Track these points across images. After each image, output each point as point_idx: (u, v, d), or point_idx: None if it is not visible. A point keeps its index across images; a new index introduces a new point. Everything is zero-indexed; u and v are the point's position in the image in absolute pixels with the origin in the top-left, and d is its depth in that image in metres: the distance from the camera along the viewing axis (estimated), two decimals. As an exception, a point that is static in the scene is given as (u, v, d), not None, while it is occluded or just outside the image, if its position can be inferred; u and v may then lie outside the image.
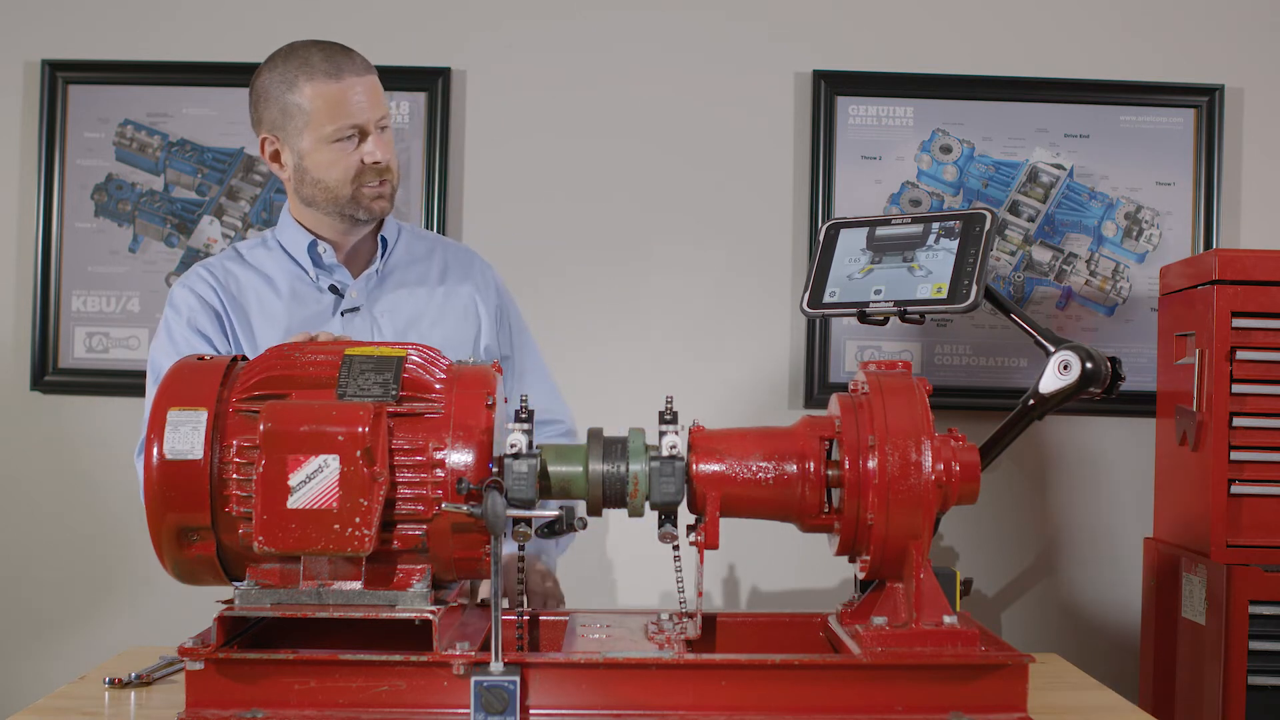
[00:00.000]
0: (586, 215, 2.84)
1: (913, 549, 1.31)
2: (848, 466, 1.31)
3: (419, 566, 1.33)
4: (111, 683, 1.49)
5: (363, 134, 1.78)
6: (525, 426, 1.31)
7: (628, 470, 1.32)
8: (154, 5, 2.87)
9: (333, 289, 1.87)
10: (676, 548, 1.40)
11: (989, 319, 2.85)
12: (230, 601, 1.31)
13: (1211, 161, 2.84)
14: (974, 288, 1.48)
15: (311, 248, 1.87)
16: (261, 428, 1.25)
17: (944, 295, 1.49)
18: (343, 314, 1.86)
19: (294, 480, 1.25)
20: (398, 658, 1.27)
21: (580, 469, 1.33)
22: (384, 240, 1.92)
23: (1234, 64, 2.88)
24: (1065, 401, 1.57)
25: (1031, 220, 2.87)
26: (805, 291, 1.61)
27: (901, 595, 1.34)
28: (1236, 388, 2.33)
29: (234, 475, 1.29)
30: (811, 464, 1.34)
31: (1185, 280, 2.49)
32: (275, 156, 1.84)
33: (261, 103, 1.81)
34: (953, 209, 2.85)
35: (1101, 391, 1.56)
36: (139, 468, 1.46)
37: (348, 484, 1.25)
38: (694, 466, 1.34)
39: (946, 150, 2.86)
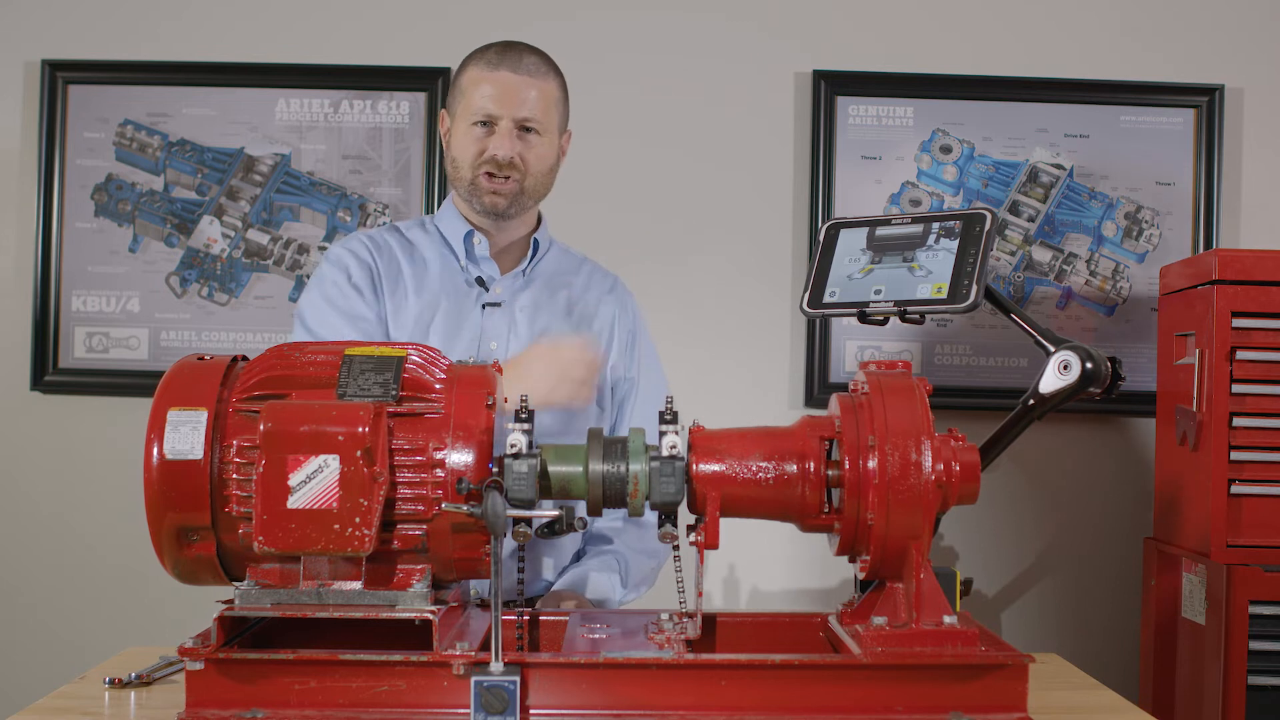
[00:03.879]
0: (585, 216, 2.84)
1: (913, 549, 1.30)
2: (848, 466, 1.31)
3: (419, 566, 1.33)
4: (111, 683, 1.49)
5: (494, 125, 1.84)
6: (525, 426, 1.31)
7: (628, 470, 1.32)
8: (154, 5, 2.87)
9: (479, 281, 1.91)
10: (676, 548, 1.40)
11: (989, 319, 2.85)
12: (230, 601, 1.31)
13: (1211, 161, 2.84)
14: (974, 288, 1.47)
15: (468, 238, 1.92)
16: (261, 428, 1.25)
17: (944, 295, 1.49)
18: (484, 306, 1.89)
19: (294, 480, 1.25)
20: (398, 658, 1.27)
21: (580, 469, 1.33)
22: (536, 243, 1.96)
23: (1234, 64, 2.88)
24: (1065, 401, 1.57)
25: (1031, 220, 2.87)
26: (805, 291, 1.61)
27: (901, 595, 1.34)
28: (1236, 388, 2.33)
29: (234, 475, 1.29)
30: (811, 464, 1.34)
31: (1185, 280, 2.49)
32: (446, 132, 1.95)
33: (452, 82, 1.95)
34: (953, 209, 2.86)
35: (1101, 391, 1.56)
36: None
37: (348, 484, 1.25)
38: (694, 466, 1.34)
39: (946, 150, 2.87)
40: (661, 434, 1.33)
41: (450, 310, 1.87)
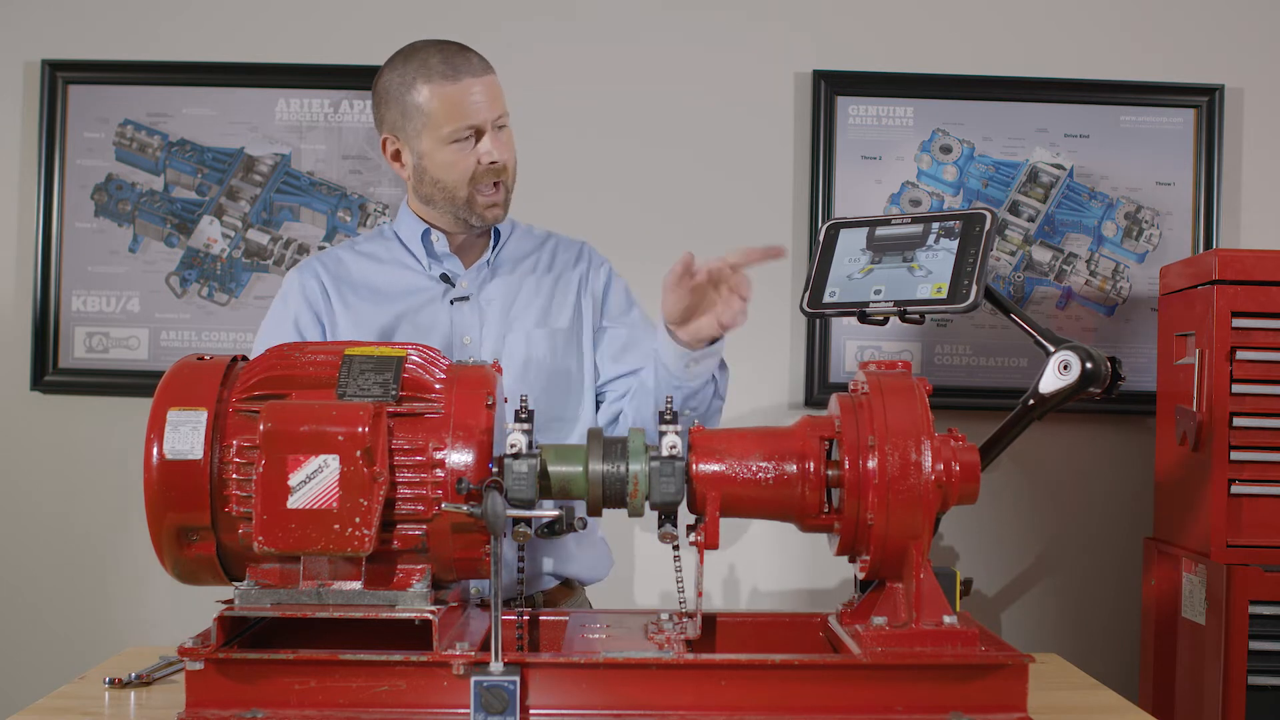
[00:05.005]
0: (585, 215, 2.83)
1: (913, 549, 1.30)
2: (848, 466, 1.31)
3: (419, 566, 1.33)
4: (111, 683, 1.49)
5: (479, 134, 1.81)
6: (525, 426, 1.31)
7: (628, 470, 1.32)
8: (154, 6, 2.87)
9: (444, 278, 1.90)
10: (676, 548, 1.40)
11: (989, 319, 2.85)
12: (230, 601, 1.31)
13: (1211, 161, 2.84)
14: (974, 288, 1.47)
15: (425, 236, 1.90)
16: (261, 428, 1.25)
17: (944, 295, 1.49)
18: (452, 302, 1.88)
19: (294, 480, 1.25)
20: (398, 658, 1.27)
21: (580, 469, 1.33)
22: (496, 232, 1.94)
23: (1234, 64, 2.88)
24: (1065, 401, 1.57)
25: (1031, 220, 2.87)
26: (805, 291, 1.61)
27: (901, 595, 1.34)
28: (1236, 388, 2.32)
29: (234, 475, 1.29)
30: (811, 464, 1.34)
31: (1185, 280, 2.49)
32: (396, 156, 1.88)
33: (382, 104, 1.85)
34: (953, 209, 2.86)
35: (1101, 391, 1.56)
36: None
37: (348, 484, 1.25)
38: (694, 466, 1.34)
39: (946, 150, 2.86)
40: (661, 434, 1.33)
41: (416, 312, 1.86)
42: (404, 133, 1.83)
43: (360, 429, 1.25)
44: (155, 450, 1.29)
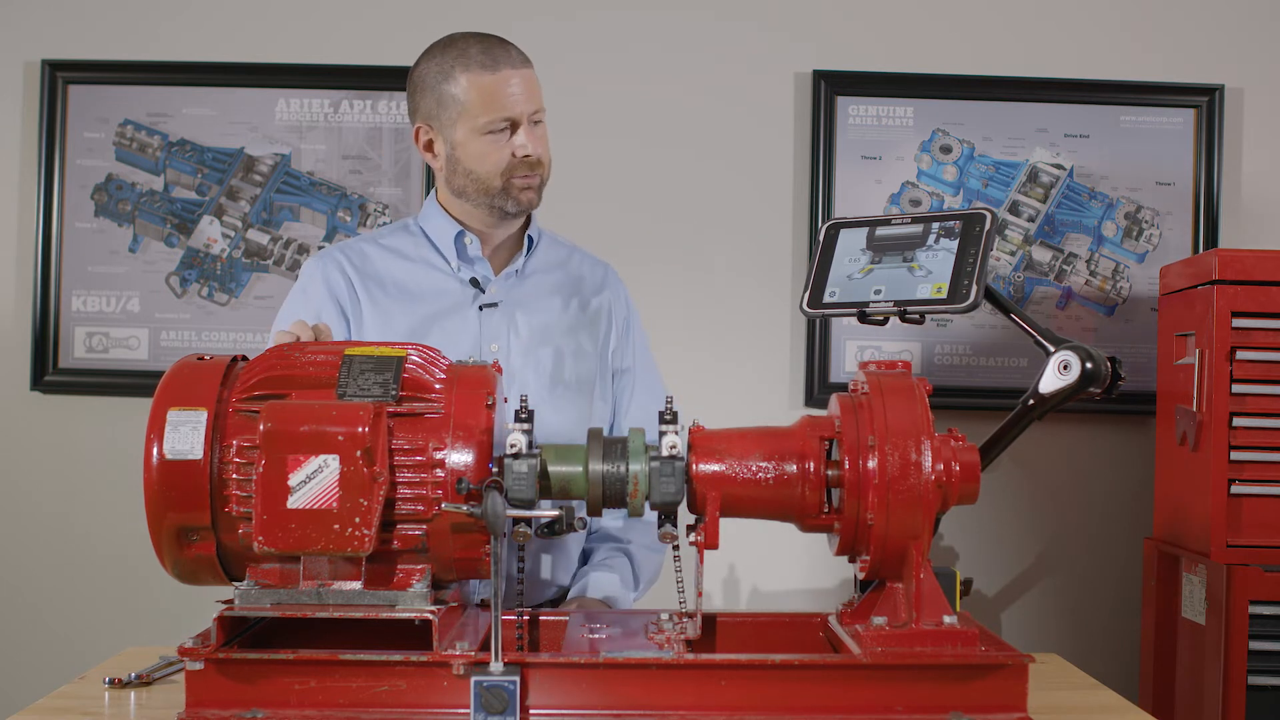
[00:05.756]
0: (586, 216, 2.84)
1: (913, 549, 1.30)
2: (848, 466, 1.31)
3: (419, 566, 1.33)
4: (111, 683, 1.49)
5: (514, 126, 1.78)
6: (525, 426, 1.31)
7: (628, 470, 1.32)
8: (154, 5, 2.88)
9: (473, 282, 1.86)
10: (676, 548, 1.40)
11: (989, 319, 2.85)
12: (230, 601, 1.31)
13: (1211, 161, 2.84)
14: (974, 288, 1.47)
15: (459, 238, 1.86)
16: (261, 428, 1.25)
17: (944, 295, 1.49)
18: (481, 308, 1.85)
19: (294, 480, 1.25)
20: (398, 658, 1.27)
21: (580, 469, 1.33)
22: (530, 239, 1.91)
23: (1234, 64, 2.88)
24: (1065, 401, 1.57)
25: (1031, 220, 2.87)
26: (805, 291, 1.61)
27: (901, 595, 1.34)
28: (1236, 388, 2.33)
29: (234, 475, 1.29)
30: (811, 464, 1.34)
31: (1185, 280, 2.49)
32: (429, 146, 1.85)
33: (418, 92, 1.83)
34: (953, 209, 2.86)
35: (1101, 391, 1.56)
36: None
37: (348, 484, 1.25)
38: (694, 466, 1.34)
39: (946, 150, 2.87)
40: (661, 434, 1.33)
41: (445, 315, 1.82)
42: (438, 121, 1.80)
43: (360, 429, 1.25)
44: (155, 450, 1.29)
